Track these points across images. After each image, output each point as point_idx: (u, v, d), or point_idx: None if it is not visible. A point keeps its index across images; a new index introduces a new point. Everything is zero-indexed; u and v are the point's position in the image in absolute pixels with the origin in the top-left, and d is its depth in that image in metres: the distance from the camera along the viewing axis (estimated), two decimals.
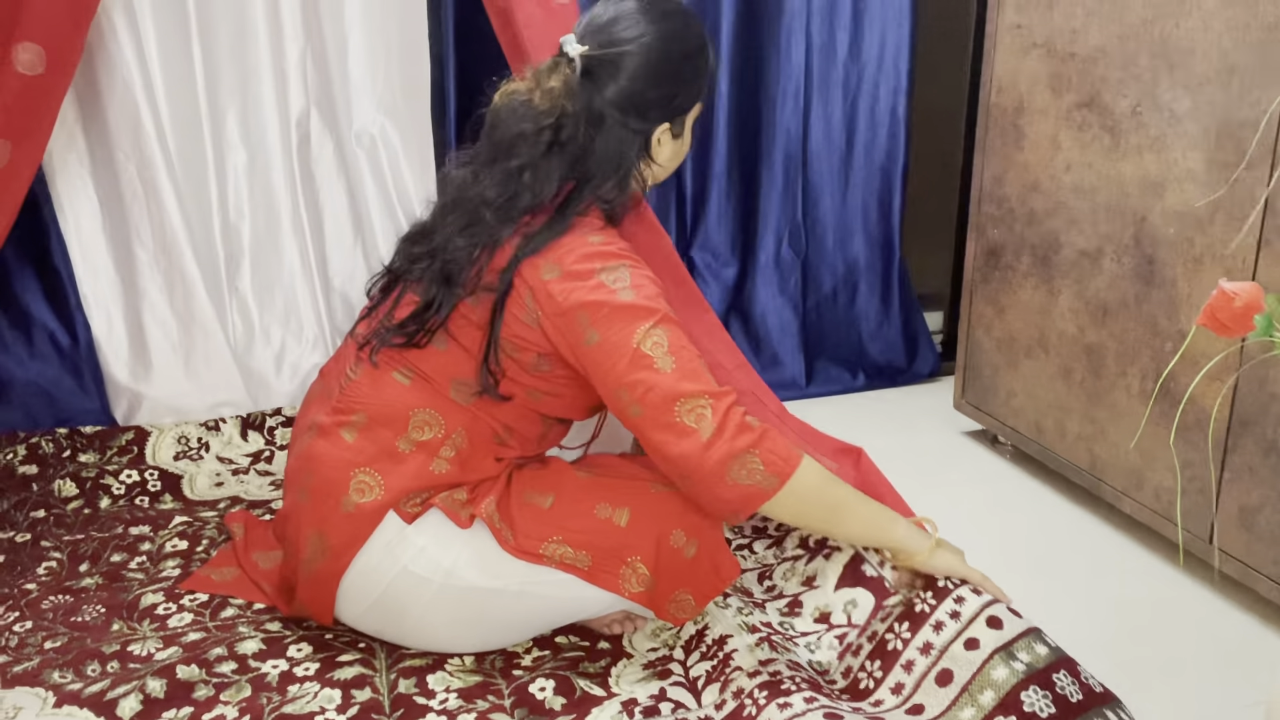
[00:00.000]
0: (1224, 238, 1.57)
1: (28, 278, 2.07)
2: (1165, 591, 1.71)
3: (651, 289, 1.32)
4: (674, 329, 1.30)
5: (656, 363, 1.27)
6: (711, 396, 1.27)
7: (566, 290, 1.30)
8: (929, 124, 2.62)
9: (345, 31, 2.19)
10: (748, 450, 1.25)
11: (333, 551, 1.35)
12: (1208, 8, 1.56)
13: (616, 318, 1.28)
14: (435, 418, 1.37)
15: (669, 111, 1.40)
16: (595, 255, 1.32)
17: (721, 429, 1.25)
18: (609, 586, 1.36)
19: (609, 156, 1.36)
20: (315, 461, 1.38)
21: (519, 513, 1.36)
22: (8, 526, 1.79)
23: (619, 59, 1.35)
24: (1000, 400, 2.15)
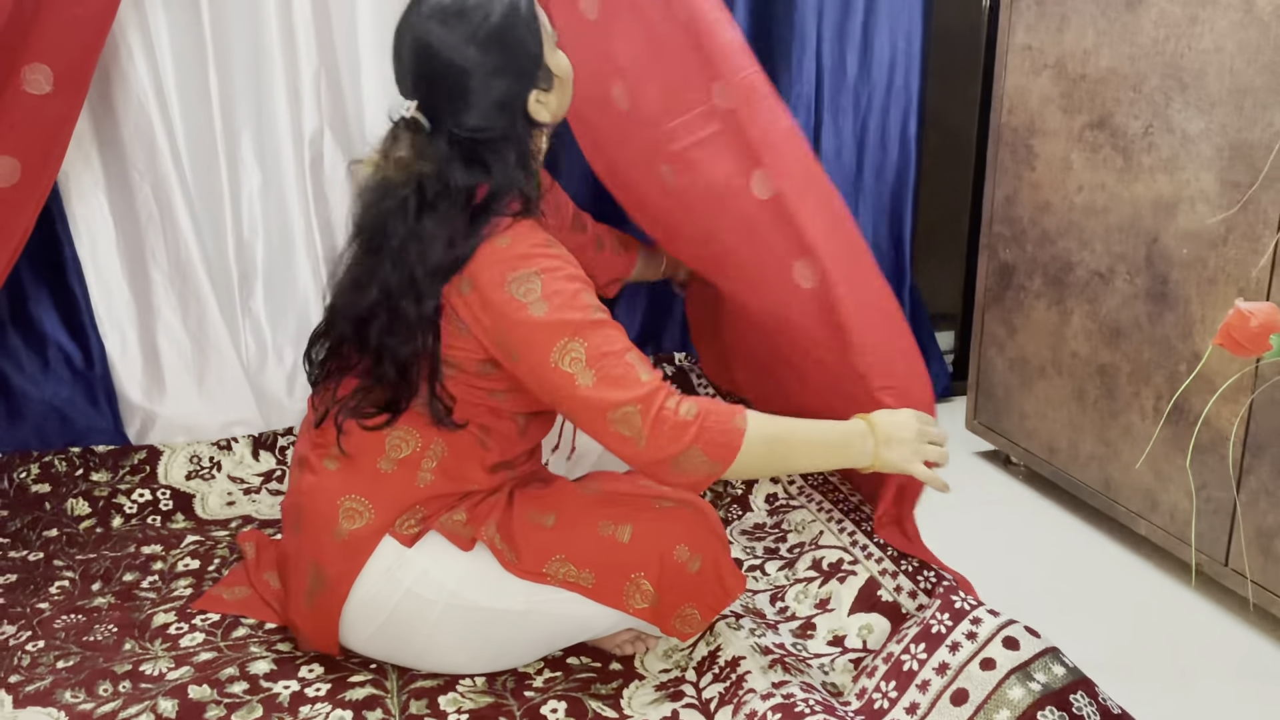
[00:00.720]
0: (1237, 258, 1.56)
1: (43, 297, 2.08)
2: (1182, 613, 1.70)
3: (565, 294, 1.28)
4: (592, 334, 1.27)
5: (577, 379, 1.26)
6: (638, 402, 1.25)
7: (482, 302, 1.28)
8: (940, 144, 2.62)
9: (359, 52, 2.20)
10: (687, 448, 1.26)
11: (331, 582, 1.36)
12: (1219, 29, 1.56)
13: (533, 337, 1.27)
14: (410, 433, 1.36)
15: (524, 80, 1.34)
16: (504, 263, 1.28)
17: (654, 434, 1.25)
18: (613, 604, 1.35)
19: (504, 163, 1.33)
20: (303, 496, 1.39)
21: (521, 533, 1.36)
22: (20, 545, 1.79)
23: (444, 89, 1.32)
24: (1013, 421, 2.14)
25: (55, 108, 1.76)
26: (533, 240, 1.30)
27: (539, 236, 1.31)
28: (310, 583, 1.38)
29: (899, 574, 1.51)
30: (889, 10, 2.43)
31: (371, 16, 2.19)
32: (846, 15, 2.42)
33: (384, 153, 1.35)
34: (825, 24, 2.42)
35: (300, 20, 2.12)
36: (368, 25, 2.19)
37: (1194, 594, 1.74)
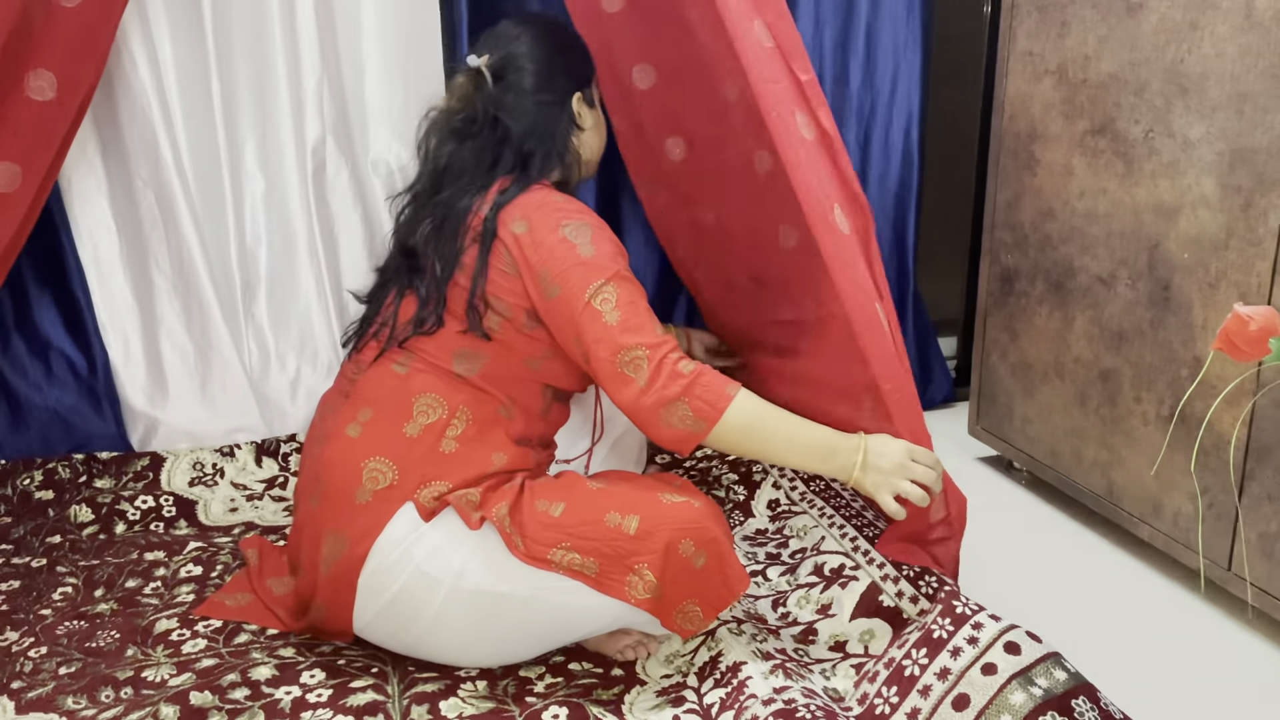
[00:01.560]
0: (1239, 263, 1.56)
1: (46, 304, 2.09)
2: (1184, 618, 1.69)
3: (609, 247, 1.44)
4: (625, 285, 1.41)
5: (604, 316, 1.39)
6: (648, 347, 1.38)
7: (534, 242, 1.42)
8: (942, 151, 2.62)
9: (362, 60, 2.21)
10: (677, 399, 1.36)
11: (351, 541, 1.38)
12: (1220, 35, 1.56)
13: (574, 273, 1.40)
14: (438, 400, 1.44)
15: (573, 80, 1.56)
16: (559, 209, 1.44)
17: (654, 377, 1.37)
18: (615, 593, 1.36)
19: (538, 130, 1.52)
20: (325, 466, 1.43)
21: (529, 519, 1.38)
22: (24, 552, 1.80)
23: (513, 53, 1.53)
24: (1015, 426, 2.14)
25: (58, 114, 1.77)
26: (583, 207, 1.48)
27: (588, 209, 1.49)
28: (328, 549, 1.39)
29: (900, 579, 1.51)
30: (890, 18, 2.43)
31: (375, 24, 2.20)
32: (848, 23, 2.43)
33: (450, 93, 1.57)
34: (826, 32, 2.42)
35: (303, 28, 2.13)
36: (371, 33, 2.20)
37: (1196, 599, 1.74)
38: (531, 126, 1.52)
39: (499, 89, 1.53)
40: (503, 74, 1.53)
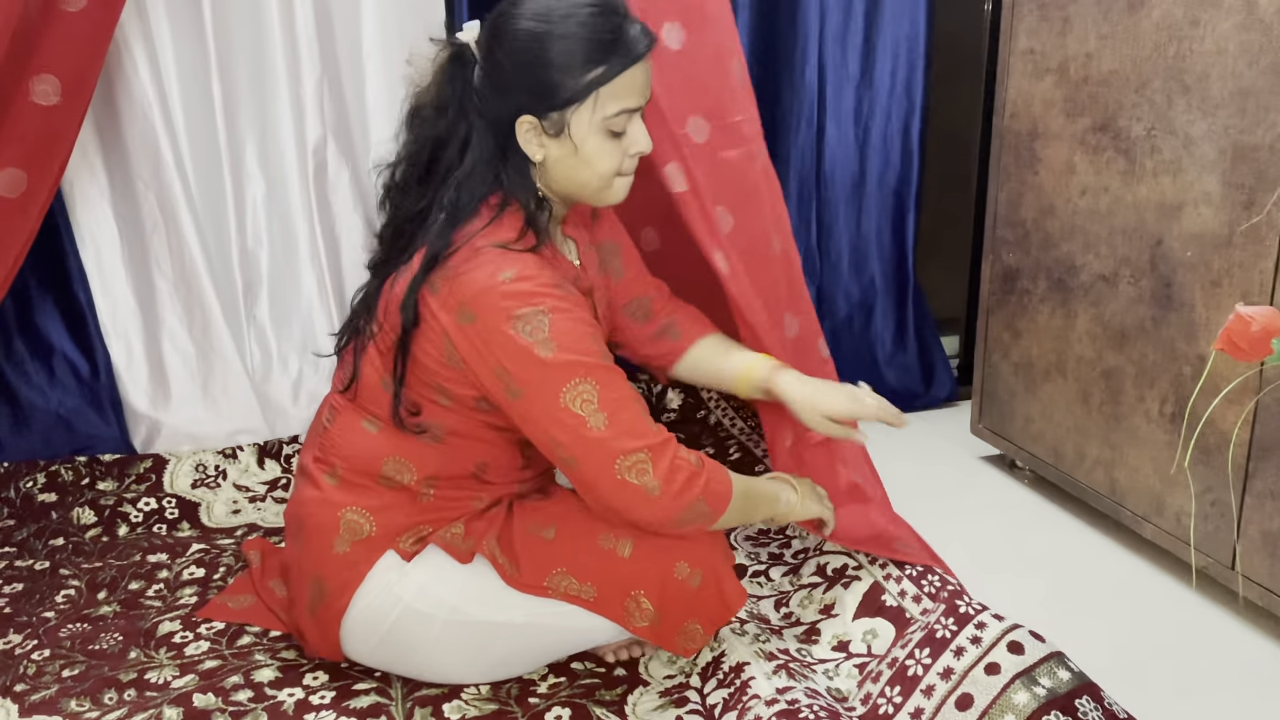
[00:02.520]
0: (1242, 260, 1.56)
1: (48, 307, 2.09)
2: (1187, 617, 1.69)
3: (575, 333, 1.24)
4: (601, 379, 1.24)
5: (589, 421, 1.23)
6: (650, 450, 1.25)
7: (484, 341, 1.23)
8: (943, 148, 2.62)
9: (362, 60, 2.21)
10: (695, 501, 1.27)
11: (330, 595, 1.35)
12: (1221, 32, 1.56)
13: (537, 376, 1.23)
14: (406, 465, 1.35)
15: (530, 100, 1.27)
16: (506, 297, 1.22)
17: (668, 482, 1.25)
18: (615, 619, 1.35)
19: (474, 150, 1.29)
20: (304, 507, 1.39)
21: (522, 546, 1.35)
22: (27, 554, 1.80)
23: (502, 32, 1.27)
24: (1018, 425, 2.13)
25: (63, 118, 1.77)
26: (540, 280, 1.25)
27: (546, 276, 1.26)
28: (311, 594, 1.38)
29: (903, 579, 1.51)
30: (891, 15, 2.43)
31: (374, 25, 2.20)
32: (848, 20, 2.43)
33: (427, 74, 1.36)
34: (827, 28, 2.42)
35: (303, 29, 2.13)
36: (371, 33, 2.20)
37: (1200, 597, 1.73)
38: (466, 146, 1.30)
39: (479, 80, 1.29)
40: (461, 58, 1.30)
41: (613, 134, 1.29)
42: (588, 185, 1.33)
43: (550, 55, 1.25)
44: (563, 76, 1.25)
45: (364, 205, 2.28)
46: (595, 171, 1.31)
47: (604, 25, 1.26)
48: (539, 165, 1.31)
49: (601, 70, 1.25)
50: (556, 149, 1.30)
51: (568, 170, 1.31)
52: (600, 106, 1.27)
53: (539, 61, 1.25)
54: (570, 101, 1.26)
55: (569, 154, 1.30)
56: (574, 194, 1.35)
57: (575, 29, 1.25)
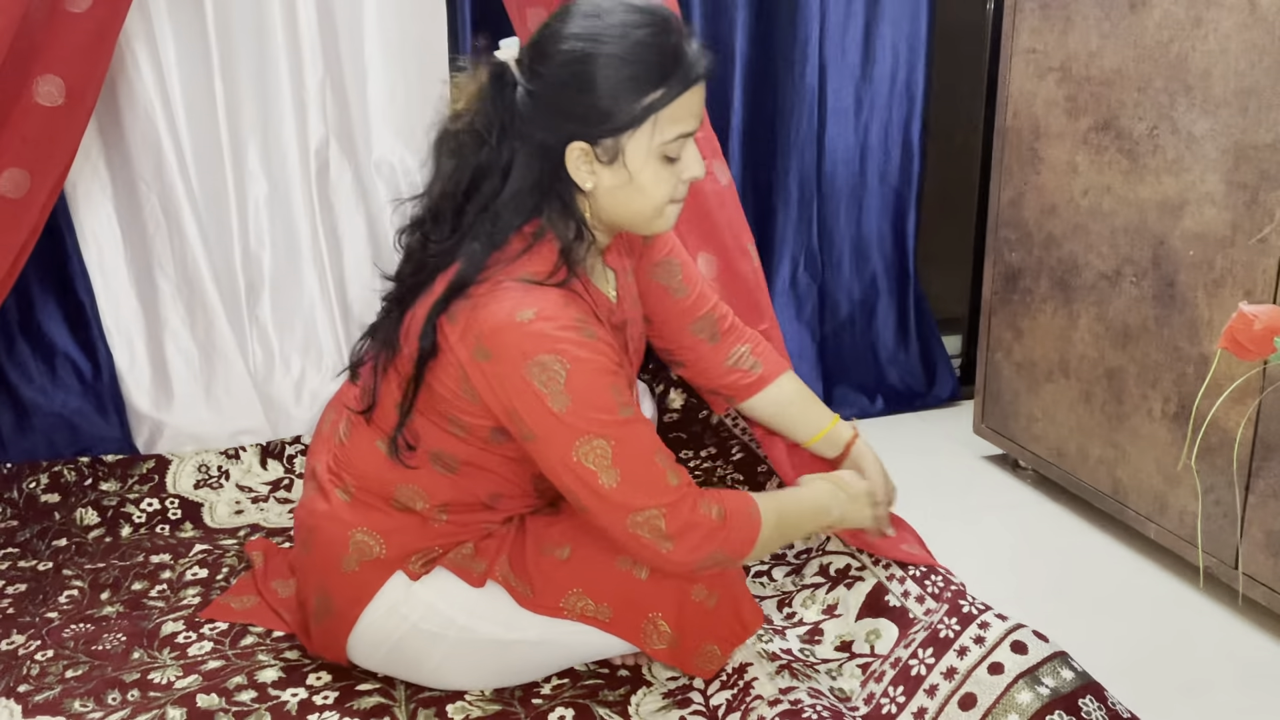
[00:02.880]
0: (1244, 260, 1.56)
1: (51, 308, 2.09)
2: (1191, 617, 1.69)
3: (593, 387, 1.17)
4: (617, 435, 1.18)
5: (600, 477, 1.18)
6: (665, 507, 1.19)
7: (498, 383, 1.18)
8: (945, 147, 2.62)
9: (364, 61, 2.21)
10: (711, 554, 1.23)
11: (337, 610, 1.35)
12: (1224, 30, 1.56)
13: (550, 426, 1.17)
14: (419, 493, 1.32)
15: (583, 125, 1.19)
16: (527, 338, 1.16)
17: (681, 541, 1.21)
18: (631, 640, 1.34)
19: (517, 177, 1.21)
20: (315, 518, 1.37)
21: (535, 567, 1.33)
22: (30, 555, 1.80)
23: (549, 54, 1.19)
24: (1021, 424, 2.13)
25: (67, 119, 1.77)
26: (562, 320, 1.17)
27: (569, 315, 1.19)
28: (318, 605, 1.37)
29: (906, 579, 1.50)
30: (892, 14, 2.43)
31: (376, 25, 2.20)
32: (849, 18, 2.43)
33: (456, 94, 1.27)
34: (828, 26, 2.42)
35: (305, 29, 2.13)
36: (373, 34, 2.20)
37: (1203, 597, 1.73)
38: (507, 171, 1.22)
39: (523, 103, 1.20)
40: (525, 84, 1.19)
41: (668, 159, 1.22)
42: (640, 214, 1.25)
43: (604, 78, 1.16)
44: (618, 101, 1.17)
45: (366, 205, 2.28)
46: (650, 199, 1.24)
47: (662, 45, 1.18)
48: (587, 194, 1.23)
49: (660, 93, 1.17)
50: (609, 177, 1.21)
51: (620, 199, 1.24)
52: (658, 131, 1.19)
53: (592, 84, 1.17)
54: (626, 127, 1.18)
55: (622, 182, 1.22)
56: (623, 223, 1.28)
57: (631, 49, 1.16)
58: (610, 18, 1.18)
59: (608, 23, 1.18)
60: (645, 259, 1.48)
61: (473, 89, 1.25)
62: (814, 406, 1.58)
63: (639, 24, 1.18)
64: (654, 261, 1.49)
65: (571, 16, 1.20)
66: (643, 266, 1.48)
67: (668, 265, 1.49)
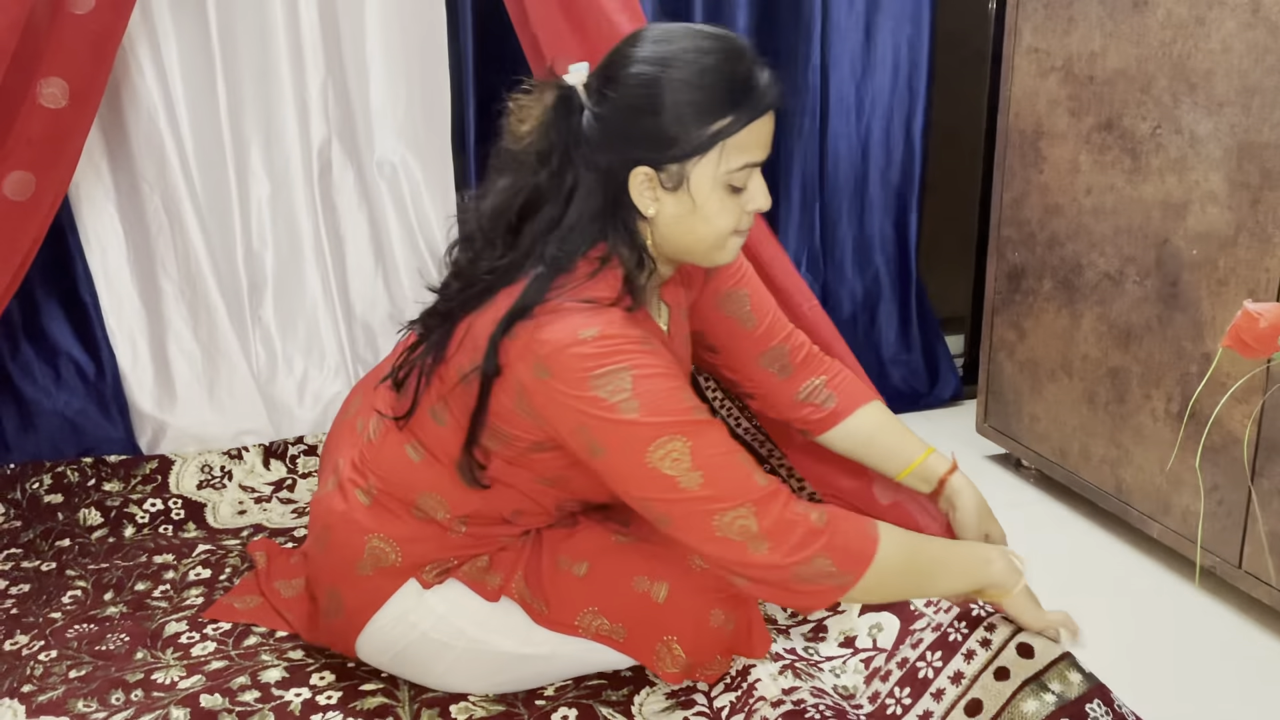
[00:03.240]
0: (1248, 259, 1.56)
1: (54, 309, 2.09)
2: (1195, 616, 1.69)
3: (661, 388, 1.13)
4: (693, 435, 1.12)
5: (680, 481, 1.11)
6: (753, 504, 1.11)
7: (560, 399, 1.14)
8: (947, 147, 2.62)
9: (366, 62, 2.21)
10: (812, 557, 1.11)
11: (348, 611, 1.35)
12: (1227, 30, 1.56)
13: (621, 435, 1.12)
14: (442, 503, 1.30)
15: (649, 150, 1.17)
16: (587, 356, 1.12)
17: (776, 538, 1.11)
18: (642, 660, 1.34)
19: (579, 196, 1.19)
20: (332, 516, 1.36)
21: (551, 583, 1.32)
22: (33, 555, 1.80)
23: (616, 78, 1.18)
24: (1024, 424, 2.13)
25: (71, 121, 1.77)
26: (625, 336, 1.15)
27: (633, 332, 1.16)
28: (328, 603, 1.37)
29: None
30: (894, 12, 2.43)
31: (379, 26, 2.20)
32: (851, 17, 2.43)
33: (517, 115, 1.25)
34: (830, 25, 2.42)
35: (307, 30, 2.14)
36: (375, 35, 2.20)
37: (1207, 597, 1.73)
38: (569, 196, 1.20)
39: (589, 126, 1.18)
40: (592, 108, 1.18)
41: (733, 189, 1.19)
42: (701, 243, 1.23)
43: (672, 102, 1.15)
44: (685, 126, 1.15)
45: (368, 206, 2.28)
46: (712, 229, 1.21)
47: (733, 72, 1.16)
48: (649, 221, 1.21)
49: (729, 120, 1.16)
50: (672, 204, 1.19)
51: (683, 227, 1.21)
52: (725, 160, 1.17)
53: (659, 108, 1.15)
54: (692, 154, 1.16)
55: (686, 210, 1.20)
56: (684, 253, 1.25)
57: (701, 75, 1.15)
58: (681, 43, 1.17)
59: (679, 47, 1.17)
60: (710, 290, 1.45)
61: (537, 111, 1.23)
62: (901, 439, 1.49)
63: (710, 50, 1.17)
64: (720, 292, 1.45)
65: (642, 41, 1.19)
66: (707, 297, 1.45)
67: (734, 296, 1.46)
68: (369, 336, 2.31)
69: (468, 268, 1.25)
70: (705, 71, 1.16)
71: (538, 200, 1.21)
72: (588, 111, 1.18)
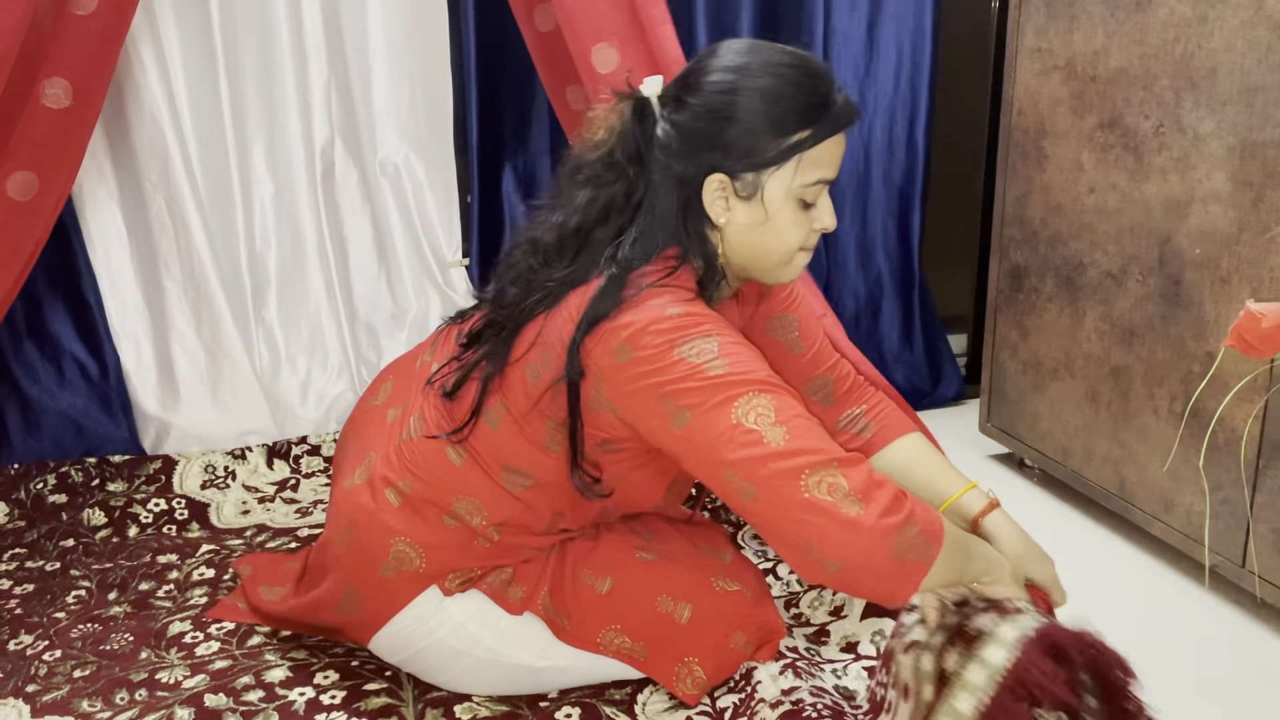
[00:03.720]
0: (1251, 258, 1.56)
1: (58, 309, 2.10)
2: (1198, 616, 1.69)
3: (745, 354, 1.14)
4: (780, 394, 1.12)
5: (765, 436, 1.08)
6: (840, 464, 1.08)
7: (642, 375, 1.13)
8: (950, 146, 2.62)
9: (369, 63, 2.22)
10: (906, 524, 1.06)
11: (365, 609, 1.35)
12: (1230, 28, 1.56)
13: (707, 393, 1.11)
14: (479, 507, 1.29)
15: (726, 158, 1.18)
16: (672, 329, 1.13)
17: (870, 501, 1.06)
18: (662, 681, 1.34)
19: (653, 206, 1.20)
20: (358, 513, 1.34)
21: (574, 598, 1.32)
22: (37, 555, 1.80)
23: (693, 87, 1.20)
24: (1026, 423, 2.13)
25: (74, 122, 1.77)
26: (708, 314, 1.17)
27: (713, 315, 1.17)
28: (345, 598, 1.36)
29: None
30: (896, 12, 2.43)
31: (381, 27, 2.21)
32: (853, 16, 2.43)
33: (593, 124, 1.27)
34: (832, 25, 2.42)
35: (310, 31, 2.14)
36: (378, 35, 2.21)
37: (1210, 596, 1.73)
38: (644, 200, 1.21)
39: (665, 135, 1.20)
40: (669, 116, 1.21)
41: (804, 205, 1.21)
42: (769, 256, 1.24)
43: (752, 110, 1.17)
44: (765, 136, 1.17)
45: (371, 206, 2.28)
46: (782, 242, 1.22)
47: (814, 87, 1.19)
48: (719, 230, 1.22)
49: (808, 134, 1.18)
50: (744, 213, 1.21)
51: (753, 238, 1.22)
52: (801, 173, 1.19)
53: (739, 117, 1.17)
54: (770, 164, 1.18)
55: (758, 220, 1.21)
56: (751, 265, 1.26)
57: (782, 86, 1.17)
58: (763, 55, 1.20)
59: (761, 59, 1.19)
60: (761, 311, 1.44)
61: (612, 121, 1.25)
62: (941, 472, 1.44)
63: (791, 64, 1.20)
64: (770, 314, 1.44)
65: (723, 52, 1.22)
66: (757, 320, 1.44)
67: (784, 320, 1.45)
68: (372, 336, 2.32)
69: (533, 275, 1.25)
70: (786, 84, 1.18)
71: (609, 208, 1.23)
72: (664, 120, 1.20)
